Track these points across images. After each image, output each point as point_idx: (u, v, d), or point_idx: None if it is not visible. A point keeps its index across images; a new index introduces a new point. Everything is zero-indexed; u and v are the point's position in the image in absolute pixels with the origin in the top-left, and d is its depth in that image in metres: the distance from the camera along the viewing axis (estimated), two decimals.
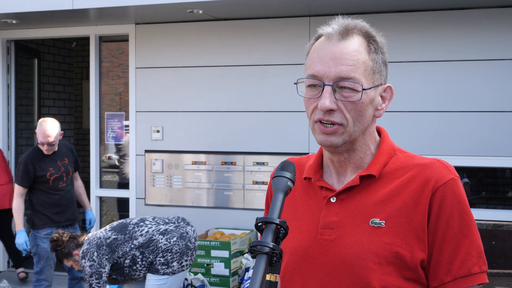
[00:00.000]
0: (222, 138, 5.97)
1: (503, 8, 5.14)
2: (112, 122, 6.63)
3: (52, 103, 8.39)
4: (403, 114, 5.39)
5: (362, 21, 1.48)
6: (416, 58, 5.36)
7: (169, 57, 6.13)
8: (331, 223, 1.44)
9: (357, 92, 1.40)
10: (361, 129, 1.44)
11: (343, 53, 1.41)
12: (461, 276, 1.37)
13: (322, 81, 1.41)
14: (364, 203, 1.43)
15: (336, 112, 1.41)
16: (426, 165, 1.43)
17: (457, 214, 1.39)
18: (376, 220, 1.40)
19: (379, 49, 1.46)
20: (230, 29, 5.94)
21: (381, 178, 1.45)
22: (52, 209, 5.10)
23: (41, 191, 5.07)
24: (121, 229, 4.24)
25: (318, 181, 1.51)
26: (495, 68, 5.16)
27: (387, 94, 1.50)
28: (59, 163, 5.17)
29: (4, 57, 6.86)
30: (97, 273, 4.02)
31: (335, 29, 1.44)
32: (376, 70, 1.45)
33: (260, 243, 1.21)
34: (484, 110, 5.20)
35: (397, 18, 5.41)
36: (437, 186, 1.39)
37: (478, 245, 1.40)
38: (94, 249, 4.07)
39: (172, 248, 4.20)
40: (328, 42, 1.44)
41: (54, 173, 5.10)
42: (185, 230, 4.33)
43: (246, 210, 5.89)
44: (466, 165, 5.29)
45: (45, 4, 5.64)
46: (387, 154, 1.48)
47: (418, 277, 1.39)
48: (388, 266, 1.36)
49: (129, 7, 5.55)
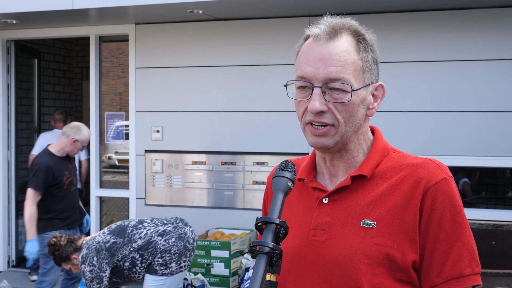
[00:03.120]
0: (222, 138, 5.97)
1: (503, 8, 5.14)
2: (112, 122, 6.63)
3: (52, 103, 8.40)
4: (402, 114, 5.39)
5: (351, 19, 1.46)
6: (416, 58, 5.36)
7: (169, 57, 6.13)
8: (322, 224, 1.43)
9: (347, 93, 1.39)
10: (353, 129, 1.43)
11: (331, 54, 1.39)
12: (452, 278, 1.36)
13: (311, 82, 1.40)
14: (355, 204, 1.42)
15: (327, 113, 1.40)
16: (418, 165, 1.42)
17: (449, 214, 1.37)
18: (367, 221, 1.39)
19: (368, 47, 1.44)
20: (230, 29, 5.94)
21: (373, 178, 1.44)
22: (63, 211, 5.11)
23: (54, 195, 5.04)
24: (120, 232, 4.21)
25: (311, 182, 1.50)
26: (495, 68, 5.16)
27: (379, 93, 1.48)
28: (71, 166, 5.22)
29: (4, 57, 6.86)
30: (98, 278, 4.01)
31: (323, 30, 1.42)
32: (366, 69, 1.43)
33: (260, 243, 1.21)
34: (484, 110, 5.20)
35: (397, 18, 5.41)
36: (428, 186, 1.38)
37: (470, 246, 1.38)
38: (93, 253, 4.05)
39: (170, 249, 4.19)
40: (316, 43, 1.42)
41: (69, 176, 5.13)
42: (184, 230, 4.32)
43: (246, 210, 5.89)
44: (466, 165, 5.29)
45: (45, 4, 5.64)
46: (380, 154, 1.47)
47: (410, 279, 1.37)
48: (379, 268, 1.35)
49: (129, 7, 5.55)
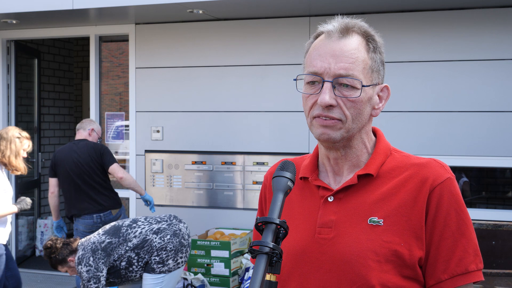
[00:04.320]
0: (222, 138, 5.97)
1: (503, 8, 5.14)
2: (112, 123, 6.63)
3: (52, 103, 8.39)
4: (403, 114, 5.39)
5: (361, 20, 1.49)
6: (416, 58, 5.36)
7: (169, 57, 6.13)
8: (329, 222, 1.44)
9: (356, 89, 1.42)
10: (359, 126, 1.45)
11: (343, 51, 1.42)
12: (458, 274, 1.38)
13: (322, 77, 1.42)
14: (362, 202, 1.44)
15: (335, 108, 1.42)
16: (423, 165, 1.45)
17: (454, 212, 1.40)
18: (374, 218, 1.41)
19: (377, 49, 1.48)
20: (230, 29, 5.94)
21: (379, 177, 1.46)
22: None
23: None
24: (114, 232, 4.22)
25: (315, 180, 1.51)
26: (495, 68, 5.16)
27: (384, 94, 1.51)
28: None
29: (4, 57, 6.85)
30: (95, 277, 4.02)
31: (336, 27, 1.45)
32: (375, 69, 1.46)
33: (260, 243, 1.21)
34: (483, 110, 5.20)
35: (397, 18, 5.41)
36: (434, 185, 1.41)
37: (474, 243, 1.42)
38: (89, 254, 4.06)
39: (166, 246, 4.20)
40: (328, 39, 1.45)
41: None
42: (178, 227, 4.33)
43: (246, 210, 5.89)
44: (466, 165, 5.29)
45: (45, 4, 5.64)
46: (384, 153, 1.50)
47: (416, 275, 1.39)
48: (387, 264, 1.37)
49: (129, 7, 5.55)
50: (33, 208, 7.70)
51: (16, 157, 4.56)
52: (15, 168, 4.58)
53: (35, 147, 7.69)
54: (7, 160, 4.53)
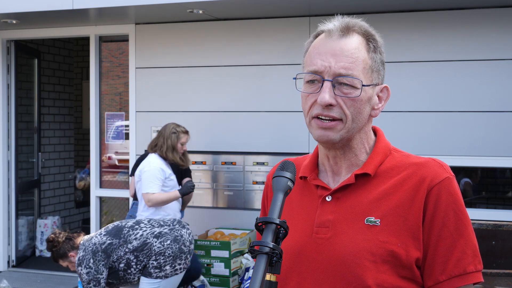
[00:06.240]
0: (222, 138, 5.97)
1: (503, 8, 5.14)
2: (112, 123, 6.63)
3: (52, 103, 8.39)
4: (402, 114, 5.39)
5: (362, 20, 1.49)
6: (416, 58, 5.36)
7: (169, 57, 6.13)
8: (326, 222, 1.44)
9: (356, 89, 1.41)
10: (359, 126, 1.45)
11: (343, 50, 1.42)
12: (456, 275, 1.37)
13: (322, 76, 1.42)
14: (359, 202, 1.44)
15: (335, 108, 1.41)
16: (421, 164, 1.44)
17: (452, 213, 1.39)
18: (371, 218, 1.40)
19: (378, 49, 1.47)
20: (230, 29, 5.94)
21: (377, 177, 1.46)
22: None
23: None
24: (116, 233, 4.21)
25: (314, 180, 1.51)
26: (495, 68, 5.16)
27: (384, 94, 1.51)
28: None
29: (4, 57, 6.86)
30: (95, 280, 4.02)
31: (336, 26, 1.45)
32: (375, 69, 1.45)
33: (260, 243, 1.21)
34: (483, 110, 5.20)
35: (397, 18, 5.41)
36: (432, 185, 1.39)
37: (473, 244, 1.40)
38: (90, 255, 4.06)
39: (165, 252, 4.18)
40: (328, 38, 1.45)
41: None
42: (180, 233, 4.30)
43: (246, 210, 5.89)
44: (466, 165, 5.29)
45: (45, 4, 5.64)
46: (383, 153, 1.49)
47: (413, 276, 1.38)
48: (383, 265, 1.36)
49: (129, 7, 5.55)
50: (33, 208, 7.71)
51: (173, 151, 4.95)
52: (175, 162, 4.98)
53: (35, 147, 7.70)
54: (164, 155, 4.93)
